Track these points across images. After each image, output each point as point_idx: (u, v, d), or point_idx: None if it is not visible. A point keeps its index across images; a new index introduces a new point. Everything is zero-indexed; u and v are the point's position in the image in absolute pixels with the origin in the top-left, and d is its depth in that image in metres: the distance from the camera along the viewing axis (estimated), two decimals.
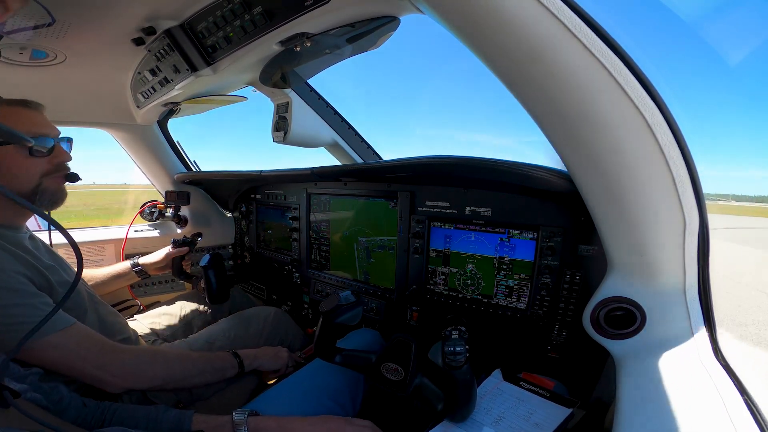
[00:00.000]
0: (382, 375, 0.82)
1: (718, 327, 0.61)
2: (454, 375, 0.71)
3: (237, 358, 1.08)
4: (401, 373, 0.80)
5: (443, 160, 0.83)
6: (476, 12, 0.47)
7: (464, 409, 0.75)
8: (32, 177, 0.89)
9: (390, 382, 0.81)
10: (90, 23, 0.86)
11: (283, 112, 1.28)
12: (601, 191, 0.59)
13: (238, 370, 1.07)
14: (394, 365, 0.81)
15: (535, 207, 0.91)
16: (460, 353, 0.69)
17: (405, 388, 0.79)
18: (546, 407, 0.76)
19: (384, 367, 0.82)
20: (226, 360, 1.06)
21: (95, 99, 1.36)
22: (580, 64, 0.48)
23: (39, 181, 0.90)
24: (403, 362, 0.80)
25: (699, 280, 0.62)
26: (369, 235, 1.27)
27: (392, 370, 0.81)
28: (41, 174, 0.90)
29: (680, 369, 0.57)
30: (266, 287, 1.82)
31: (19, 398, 0.52)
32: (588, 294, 0.77)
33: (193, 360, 1.00)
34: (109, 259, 1.69)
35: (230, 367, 1.05)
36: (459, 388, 0.72)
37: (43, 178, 0.91)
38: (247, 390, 1.22)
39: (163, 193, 1.88)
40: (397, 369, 0.81)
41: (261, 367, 1.13)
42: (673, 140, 0.52)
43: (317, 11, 0.68)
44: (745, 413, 0.48)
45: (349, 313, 0.84)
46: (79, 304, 0.96)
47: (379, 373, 0.82)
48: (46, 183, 0.91)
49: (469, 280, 1.05)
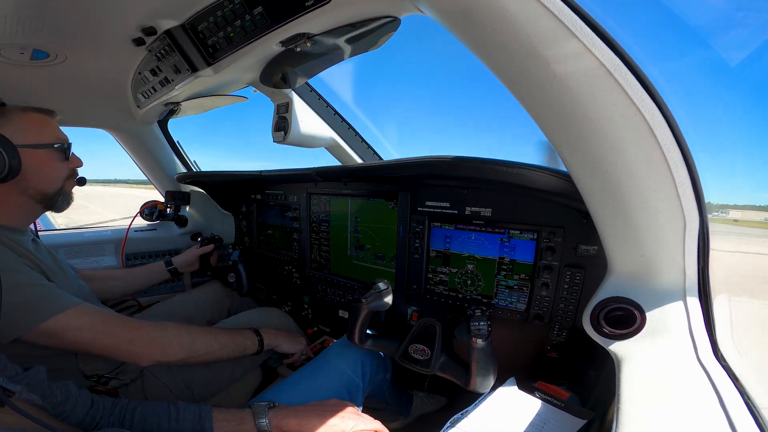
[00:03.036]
0: (410, 355, 0.93)
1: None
2: (477, 347, 0.81)
3: (258, 335, 1.12)
4: (427, 353, 0.91)
5: (443, 160, 0.83)
6: (476, 12, 0.47)
7: (486, 378, 0.83)
8: (59, 179, 0.98)
9: (418, 361, 0.91)
10: (90, 23, 0.86)
11: (283, 112, 1.28)
12: (601, 191, 0.59)
13: (258, 347, 1.11)
14: (422, 346, 0.92)
15: (535, 207, 0.91)
16: (483, 327, 0.81)
17: (431, 366, 0.89)
18: (560, 418, 0.75)
19: (412, 348, 0.93)
20: (248, 336, 1.10)
21: (95, 99, 1.35)
22: (580, 64, 0.48)
23: (63, 183, 0.98)
24: (429, 343, 0.91)
25: (699, 280, 0.62)
26: (369, 235, 1.27)
27: (419, 350, 0.92)
28: (65, 177, 0.99)
29: (680, 369, 0.57)
30: (266, 287, 1.82)
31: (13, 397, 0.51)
32: (588, 294, 0.78)
33: (215, 334, 1.04)
34: (109, 259, 1.69)
35: (251, 344, 1.09)
36: (482, 357, 0.82)
37: (66, 181, 0.99)
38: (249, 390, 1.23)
39: (163, 193, 1.88)
40: (423, 350, 0.91)
41: (279, 348, 1.17)
42: (673, 140, 0.52)
43: (317, 11, 0.68)
44: (745, 413, 0.48)
45: (381, 300, 0.96)
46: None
47: (408, 354, 0.93)
48: (66, 186, 1.00)
49: (469, 281, 1.05)
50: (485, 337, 0.80)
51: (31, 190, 0.92)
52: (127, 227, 1.73)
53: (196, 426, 0.72)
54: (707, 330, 0.61)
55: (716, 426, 0.47)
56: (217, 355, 1.01)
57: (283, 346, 1.17)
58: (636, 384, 0.56)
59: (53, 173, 0.96)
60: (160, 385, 1.04)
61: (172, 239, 1.83)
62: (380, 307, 0.98)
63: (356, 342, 0.98)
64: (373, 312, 0.98)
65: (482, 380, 0.82)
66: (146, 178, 1.91)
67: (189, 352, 0.96)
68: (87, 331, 0.85)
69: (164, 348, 0.93)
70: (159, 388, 1.03)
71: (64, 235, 1.69)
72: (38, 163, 0.91)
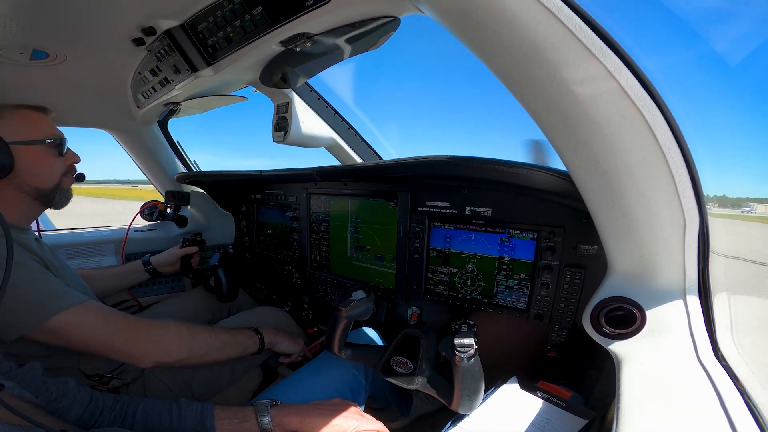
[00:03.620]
0: (391, 368, 0.86)
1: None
2: (462, 366, 0.74)
3: (258, 334, 1.11)
4: (410, 366, 0.83)
5: (443, 160, 0.83)
6: (476, 12, 0.47)
7: (471, 399, 0.76)
8: (54, 175, 0.97)
9: (399, 374, 0.84)
10: (90, 23, 0.86)
11: (283, 112, 1.28)
12: (601, 191, 0.59)
13: (258, 346, 1.09)
14: (404, 359, 0.85)
15: (535, 207, 0.91)
16: (470, 345, 0.73)
17: (414, 381, 0.82)
18: (561, 417, 0.75)
19: (393, 361, 0.86)
20: (248, 335, 1.09)
21: (95, 99, 1.35)
22: (581, 65, 0.48)
23: (59, 179, 0.99)
24: (411, 356, 0.84)
25: (699, 280, 0.62)
26: (370, 235, 1.27)
27: (401, 363, 0.85)
28: (61, 173, 0.99)
29: (680, 369, 0.57)
30: (266, 287, 1.82)
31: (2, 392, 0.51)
32: (588, 294, 0.77)
33: (216, 333, 1.03)
34: (109, 259, 1.69)
35: (251, 343, 1.08)
36: (467, 378, 0.75)
37: (62, 177, 0.99)
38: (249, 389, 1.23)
39: (163, 193, 1.88)
40: (406, 362, 0.84)
41: (278, 347, 1.16)
42: (673, 140, 0.52)
43: (317, 11, 0.68)
44: (745, 413, 0.48)
45: (361, 308, 0.90)
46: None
47: (389, 367, 0.86)
48: (64, 182, 1.00)
49: (469, 280, 1.05)
50: (470, 356, 0.73)
51: (26, 187, 0.93)
52: (128, 227, 1.73)
53: (198, 424, 0.71)
54: (707, 330, 0.61)
55: (716, 426, 0.47)
56: (218, 354, 1.00)
57: (282, 345, 1.17)
58: (636, 384, 0.56)
59: (47, 169, 0.96)
60: (161, 385, 1.04)
61: (172, 239, 1.83)
62: (360, 316, 0.93)
63: (335, 352, 0.92)
64: (352, 321, 0.92)
65: (467, 401, 0.76)
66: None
67: (190, 351, 0.94)
68: (88, 327, 0.84)
69: (165, 347, 0.91)
70: (159, 388, 1.04)
71: (64, 235, 1.69)
72: (31, 160, 0.91)
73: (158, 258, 1.52)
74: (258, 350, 1.10)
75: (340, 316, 0.90)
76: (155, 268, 1.50)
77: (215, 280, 1.47)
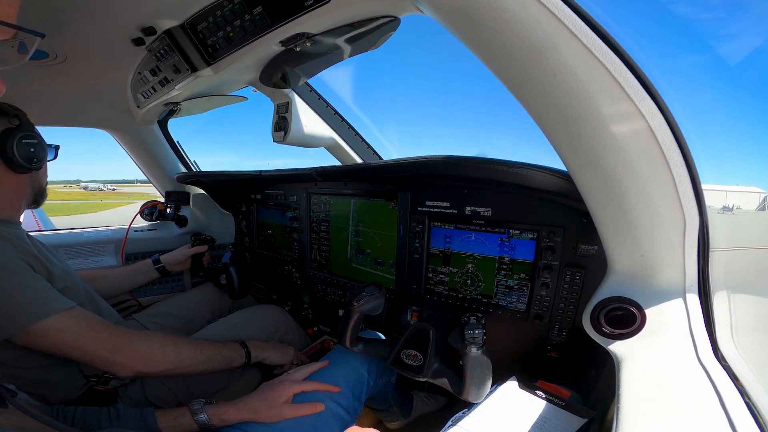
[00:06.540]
0: (402, 361, 0.90)
1: None
2: (472, 355, 0.78)
3: (245, 348, 1.09)
4: (420, 358, 0.87)
5: (443, 159, 0.83)
6: (476, 12, 0.47)
7: (480, 388, 0.80)
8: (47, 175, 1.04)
9: (410, 366, 0.88)
10: (90, 23, 0.86)
11: (283, 112, 1.28)
12: (601, 191, 0.59)
13: (245, 360, 1.08)
14: (414, 351, 0.89)
15: (535, 207, 0.91)
16: (479, 334, 0.78)
17: (424, 372, 0.86)
18: (561, 416, 0.75)
19: (404, 354, 0.90)
20: (234, 349, 1.07)
21: (95, 99, 1.36)
22: (581, 65, 0.48)
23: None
24: (422, 349, 0.88)
25: (699, 280, 0.62)
26: (369, 235, 1.27)
27: (412, 356, 0.89)
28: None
29: (680, 369, 0.57)
30: (266, 287, 1.82)
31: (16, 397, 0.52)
32: (588, 294, 0.78)
33: (201, 346, 1.01)
34: (109, 259, 1.69)
35: (238, 357, 1.07)
36: (476, 366, 0.79)
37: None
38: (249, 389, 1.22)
39: (163, 193, 1.88)
40: (416, 355, 0.88)
41: (267, 360, 1.14)
42: (673, 140, 0.52)
43: (317, 11, 0.68)
44: (745, 413, 0.48)
45: (373, 303, 0.93)
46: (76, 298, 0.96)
47: (400, 359, 0.90)
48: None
49: (469, 280, 1.05)
50: (480, 345, 0.78)
51: (35, 184, 0.98)
52: (128, 227, 1.73)
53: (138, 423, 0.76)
54: (707, 329, 0.61)
55: (716, 426, 0.47)
56: (203, 367, 0.99)
57: (271, 358, 1.15)
58: (636, 383, 0.56)
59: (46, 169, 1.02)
60: (160, 385, 1.04)
61: (172, 239, 1.83)
62: (372, 311, 0.95)
63: (347, 346, 0.95)
64: (364, 315, 0.95)
65: (476, 390, 0.80)
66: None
67: (173, 363, 0.93)
68: (70, 334, 0.83)
69: (147, 358, 0.90)
70: (159, 388, 1.03)
71: (64, 235, 1.69)
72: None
73: (168, 257, 1.53)
74: (244, 364, 1.08)
75: (353, 310, 0.93)
76: (164, 266, 1.51)
77: (227, 277, 1.49)
